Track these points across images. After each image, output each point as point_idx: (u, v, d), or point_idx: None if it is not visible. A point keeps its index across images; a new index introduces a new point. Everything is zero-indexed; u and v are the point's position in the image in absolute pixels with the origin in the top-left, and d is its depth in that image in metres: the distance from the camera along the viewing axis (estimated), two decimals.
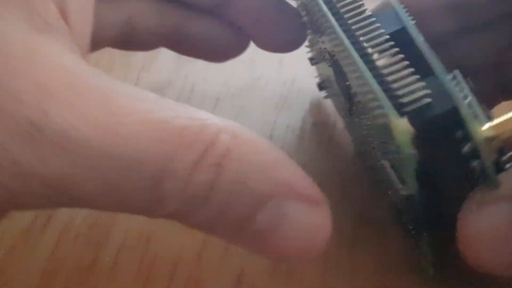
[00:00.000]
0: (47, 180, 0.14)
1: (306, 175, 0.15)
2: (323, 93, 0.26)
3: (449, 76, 0.16)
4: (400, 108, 0.16)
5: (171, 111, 0.15)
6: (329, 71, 0.22)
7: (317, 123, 0.27)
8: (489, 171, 0.16)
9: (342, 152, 0.26)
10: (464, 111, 0.16)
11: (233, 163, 0.14)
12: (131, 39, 0.24)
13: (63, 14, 0.16)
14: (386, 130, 0.16)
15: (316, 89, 0.26)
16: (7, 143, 0.14)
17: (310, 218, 0.15)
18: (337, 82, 0.21)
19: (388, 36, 0.18)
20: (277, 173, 0.15)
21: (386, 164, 0.18)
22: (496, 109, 0.20)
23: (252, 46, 0.30)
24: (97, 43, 0.23)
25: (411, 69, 0.16)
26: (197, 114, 0.15)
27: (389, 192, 0.20)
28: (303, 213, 0.15)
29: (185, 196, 0.14)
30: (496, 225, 0.16)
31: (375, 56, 0.17)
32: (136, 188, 0.14)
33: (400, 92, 0.16)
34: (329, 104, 0.27)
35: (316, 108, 0.28)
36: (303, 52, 0.26)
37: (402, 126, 0.15)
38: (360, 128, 0.21)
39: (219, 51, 0.26)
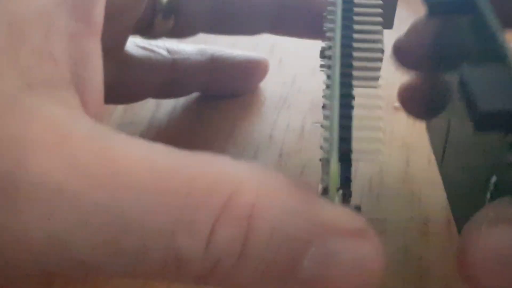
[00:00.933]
0: (28, 241, 0.12)
1: (344, 208, 0.14)
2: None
3: None
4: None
5: (182, 160, 0.13)
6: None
7: (317, 123, 0.27)
8: None
9: None
10: None
11: (266, 213, 0.13)
12: (172, 89, 0.26)
13: (71, 71, 0.14)
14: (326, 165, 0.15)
15: (316, 89, 0.26)
16: None
17: (358, 252, 0.14)
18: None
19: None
20: (314, 213, 0.14)
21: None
22: None
23: (251, 47, 0.30)
24: (140, 95, 0.26)
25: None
26: (214, 163, 0.13)
27: None
28: (350, 248, 0.14)
29: (211, 256, 0.13)
30: (505, 249, 0.14)
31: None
32: (144, 247, 0.13)
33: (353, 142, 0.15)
34: None
35: (316, 108, 0.28)
36: (303, 52, 0.26)
37: (334, 169, 0.14)
38: None
39: (244, 87, 0.28)
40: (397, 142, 0.26)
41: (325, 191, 0.15)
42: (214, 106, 0.28)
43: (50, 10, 0.14)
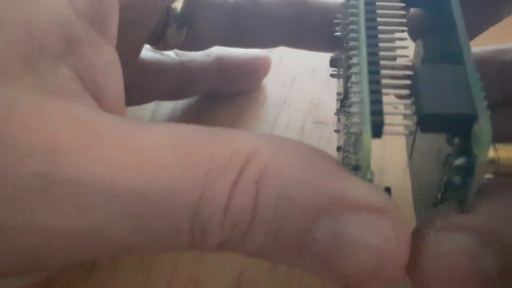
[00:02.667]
0: (68, 235, 0.13)
1: (363, 181, 0.14)
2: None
3: (478, 74, 0.14)
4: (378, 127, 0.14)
5: (203, 138, 0.14)
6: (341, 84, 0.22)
7: (317, 123, 0.27)
8: (471, 194, 0.14)
9: None
10: (484, 126, 0.13)
11: (272, 178, 0.13)
12: (180, 91, 0.26)
13: (88, 75, 0.15)
14: (357, 142, 0.14)
15: (316, 89, 0.26)
16: (15, 202, 0.13)
17: (374, 231, 0.13)
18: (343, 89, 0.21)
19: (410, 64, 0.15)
20: (325, 183, 0.13)
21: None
22: None
23: None
24: (149, 98, 0.26)
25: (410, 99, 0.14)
26: (232, 137, 0.14)
27: None
28: (365, 226, 0.13)
29: (227, 223, 0.13)
30: (454, 257, 0.14)
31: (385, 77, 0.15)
32: (174, 223, 0.13)
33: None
34: (329, 104, 0.27)
35: (316, 108, 0.28)
36: (303, 52, 0.26)
37: (367, 140, 0.13)
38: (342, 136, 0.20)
39: (249, 84, 0.28)
40: (397, 142, 0.26)
41: (355, 169, 0.14)
42: (214, 106, 0.28)
43: (71, 21, 0.15)
